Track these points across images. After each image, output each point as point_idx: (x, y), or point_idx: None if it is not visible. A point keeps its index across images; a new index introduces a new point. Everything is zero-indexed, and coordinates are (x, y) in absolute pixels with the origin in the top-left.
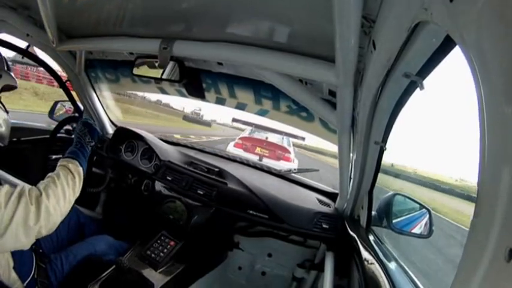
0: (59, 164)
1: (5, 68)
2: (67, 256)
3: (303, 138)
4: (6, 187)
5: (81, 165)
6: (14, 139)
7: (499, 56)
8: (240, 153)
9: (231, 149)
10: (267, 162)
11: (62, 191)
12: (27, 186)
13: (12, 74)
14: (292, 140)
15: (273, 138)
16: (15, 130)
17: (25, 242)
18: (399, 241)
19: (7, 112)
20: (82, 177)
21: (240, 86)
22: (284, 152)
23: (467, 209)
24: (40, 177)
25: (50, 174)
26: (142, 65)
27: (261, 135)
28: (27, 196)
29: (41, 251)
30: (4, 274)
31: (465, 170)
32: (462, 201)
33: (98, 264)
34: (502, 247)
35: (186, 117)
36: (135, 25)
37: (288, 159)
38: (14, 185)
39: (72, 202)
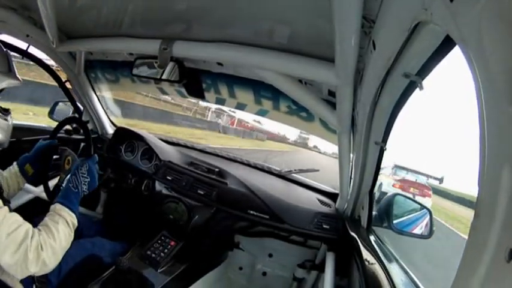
0: (56, 210)
1: (8, 68)
2: (65, 256)
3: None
4: (11, 216)
5: (76, 216)
6: (14, 139)
7: (499, 57)
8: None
9: (391, 189)
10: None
11: (60, 245)
12: (30, 230)
13: (15, 72)
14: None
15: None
16: (15, 130)
17: (18, 276)
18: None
19: (9, 113)
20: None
21: (240, 86)
22: (428, 190)
23: None
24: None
25: (49, 223)
26: (142, 65)
27: (408, 175)
28: (28, 244)
29: None
30: (2, 273)
31: (465, 172)
32: None
33: (97, 265)
34: (502, 247)
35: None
36: (135, 26)
37: (429, 195)
38: None
39: (66, 250)
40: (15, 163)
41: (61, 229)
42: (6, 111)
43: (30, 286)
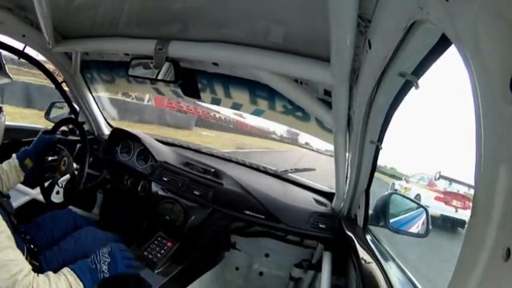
0: (63, 272)
1: None
2: (60, 252)
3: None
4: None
5: (84, 286)
6: (12, 140)
7: (495, 55)
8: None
9: (431, 203)
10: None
11: None
12: (26, 270)
13: (6, 70)
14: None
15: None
16: (11, 131)
17: None
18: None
19: (1, 111)
20: None
21: (236, 86)
22: (469, 201)
23: None
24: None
25: (51, 276)
26: (137, 65)
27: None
28: (18, 279)
29: (36, 249)
30: None
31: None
32: None
33: None
34: (499, 246)
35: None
36: (131, 26)
37: (470, 208)
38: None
39: None
40: (14, 156)
41: (60, 285)
42: None
43: None
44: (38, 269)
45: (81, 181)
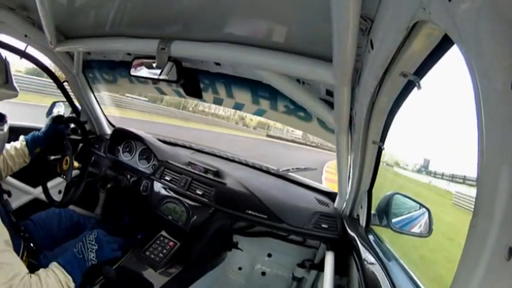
0: (51, 267)
1: (5, 79)
2: (61, 253)
3: None
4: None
5: (74, 281)
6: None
7: (497, 55)
8: None
9: None
10: None
11: None
12: (22, 273)
13: (13, 83)
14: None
15: None
16: (13, 131)
17: None
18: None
19: (5, 121)
20: None
21: (238, 86)
22: None
23: None
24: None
25: (41, 275)
26: (139, 65)
27: None
28: (15, 284)
29: (35, 248)
30: None
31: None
32: None
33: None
34: (502, 245)
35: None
36: (133, 26)
37: None
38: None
39: None
40: (23, 140)
41: (51, 284)
42: (1, 120)
43: None
44: (37, 269)
45: (83, 181)
